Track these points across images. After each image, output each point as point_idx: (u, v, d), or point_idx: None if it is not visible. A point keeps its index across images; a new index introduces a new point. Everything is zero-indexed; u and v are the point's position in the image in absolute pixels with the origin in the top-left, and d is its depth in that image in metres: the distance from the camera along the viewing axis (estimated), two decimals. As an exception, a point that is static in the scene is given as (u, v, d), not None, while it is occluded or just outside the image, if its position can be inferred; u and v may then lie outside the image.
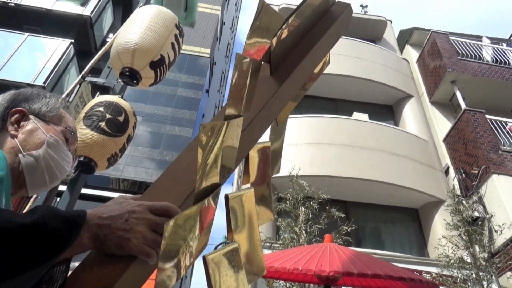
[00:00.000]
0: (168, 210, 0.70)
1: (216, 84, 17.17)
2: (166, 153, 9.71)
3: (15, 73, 8.24)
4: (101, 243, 0.66)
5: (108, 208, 0.69)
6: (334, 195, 6.91)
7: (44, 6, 9.72)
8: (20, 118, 1.06)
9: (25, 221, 0.60)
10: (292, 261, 3.18)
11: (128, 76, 3.12)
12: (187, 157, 0.83)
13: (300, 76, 1.08)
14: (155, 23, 3.26)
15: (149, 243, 0.67)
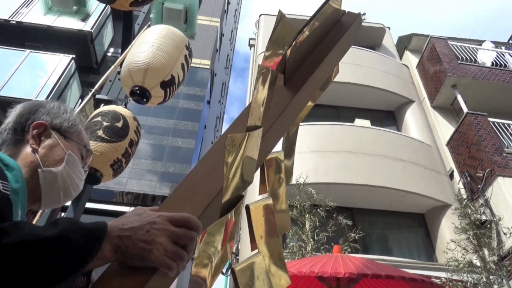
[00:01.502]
0: (188, 221, 0.69)
1: (217, 95, 17.23)
2: (169, 165, 9.70)
3: (17, 90, 8.28)
4: (123, 254, 0.66)
5: (128, 220, 0.69)
6: (339, 202, 6.88)
7: (45, 23, 9.81)
8: (41, 131, 1.05)
9: (48, 234, 0.60)
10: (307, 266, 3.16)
11: (138, 94, 3.14)
12: (202, 168, 0.84)
13: (312, 86, 1.08)
14: (167, 44, 3.29)
15: (170, 255, 0.66)
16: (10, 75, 8.48)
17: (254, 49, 13.86)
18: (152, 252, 0.65)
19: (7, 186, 0.83)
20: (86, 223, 0.66)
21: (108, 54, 11.23)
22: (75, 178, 1.05)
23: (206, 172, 0.82)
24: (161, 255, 0.65)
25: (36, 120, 1.05)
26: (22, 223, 0.61)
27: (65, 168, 1.03)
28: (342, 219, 6.14)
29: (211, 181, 0.80)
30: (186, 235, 0.68)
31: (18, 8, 10.12)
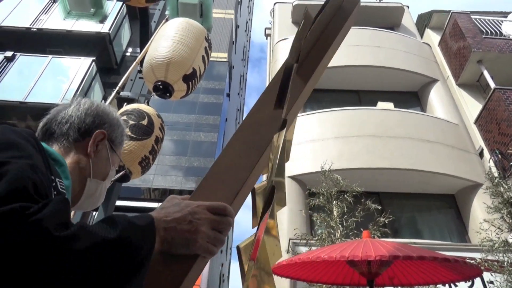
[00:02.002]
0: (225, 209, 0.74)
1: (236, 87, 17.24)
2: (193, 160, 9.81)
3: (42, 95, 8.51)
4: (168, 245, 0.69)
5: (168, 211, 0.72)
6: (366, 187, 6.79)
7: (64, 28, 10.01)
8: (100, 140, 1.06)
9: (112, 236, 0.61)
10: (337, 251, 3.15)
11: (161, 89, 3.16)
12: (228, 157, 0.86)
13: (320, 73, 1.09)
14: (186, 37, 3.28)
15: (212, 241, 0.71)
16: (35, 81, 8.72)
17: (271, 39, 13.76)
18: (196, 241, 0.69)
19: (63, 184, 0.85)
20: (137, 219, 0.67)
21: (127, 54, 11.38)
22: (103, 191, 1.09)
23: (232, 161, 0.85)
24: (205, 243, 0.70)
25: (100, 127, 1.07)
26: (85, 225, 0.62)
27: (105, 183, 1.07)
28: (370, 203, 6.07)
29: (237, 169, 0.83)
30: (224, 221, 0.73)
31: (37, 16, 10.35)
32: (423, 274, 3.81)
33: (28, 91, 8.50)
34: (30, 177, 0.69)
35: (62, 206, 0.64)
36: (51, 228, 0.59)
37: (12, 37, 9.86)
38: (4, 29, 9.86)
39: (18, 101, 8.21)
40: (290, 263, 3.69)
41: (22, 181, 0.67)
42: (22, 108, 8.26)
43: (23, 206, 0.61)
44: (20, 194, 0.65)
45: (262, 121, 0.91)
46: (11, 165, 0.69)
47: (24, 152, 0.75)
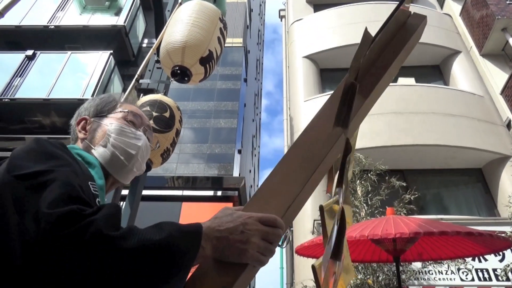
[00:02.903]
0: (275, 221, 0.77)
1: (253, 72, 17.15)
2: (214, 146, 9.88)
3: (64, 91, 8.69)
4: (220, 253, 0.74)
5: (222, 221, 0.76)
6: (390, 165, 6.71)
7: (81, 23, 10.13)
8: (84, 125, 1.15)
9: (159, 238, 0.67)
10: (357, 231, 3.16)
11: (179, 74, 3.16)
12: (282, 170, 0.90)
13: (380, 90, 1.08)
14: (201, 19, 3.25)
15: (262, 251, 0.75)
16: (56, 78, 8.90)
17: (285, 20, 13.57)
18: (247, 251, 0.74)
19: (95, 186, 0.90)
20: (184, 225, 0.73)
21: (143, 45, 11.45)
22: (128, 140, 1.12)
23: (286, 174, 0.88)
24: (255, 253, 0.74)
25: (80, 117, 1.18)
26: (134, 228, 0.68)
27: (109, 136, 1.10)
28: (394, 181, 6.00)
29: (290, 183, 0.86)
30: (274, 232, 0.77)
31: (54, 13, 10.49)
32: (452, 247, 3.78)
33: (50, 88, 8.70)
34: (76, 182, 0.76)
35: (114, 211, 0.70)
36: (103, 228, 0.64)
37: (31, 36, 10.05)
38: (23, 29, 10.05)
39: (42, 98, 8.42)
40: (312, 244, 3.72)
41: (71, 186, 0.73)
42: (46, 105, 8.47)
43: (80, 207, 0.67)
44: (72, 196, 0.71)
45: (318, 139, 0.93)
46: (56, 172, 0.75)
47: (64, 161, 0.82)
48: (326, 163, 0.92)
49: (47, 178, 0.72)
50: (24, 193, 0.70)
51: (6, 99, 8.48)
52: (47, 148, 0.84)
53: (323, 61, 10.77)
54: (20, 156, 0.79)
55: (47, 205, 0.66)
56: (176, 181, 9.92)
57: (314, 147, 0.91)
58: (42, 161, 0.78)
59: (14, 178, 0.73)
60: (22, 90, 8.67)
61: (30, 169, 0.74)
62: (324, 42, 10.72)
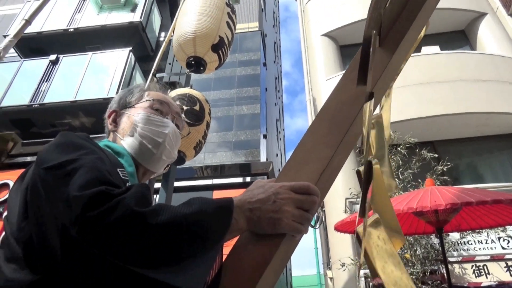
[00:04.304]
0: (308, 188, 0.75)
1: (271, 55, 17.00)
2: (240, 133, 9.93)
3: (89, 92, 8.89)
4: (255, 224, 0.73)
5: (253, 193, 0.76)
6: (419, 137, 6.56)
7: (98, 23, 10.28)
8: (114, 117, 1.19)
9: (190, 211, 0.67)
10: (403, 204, 3.10)
11: (194, 64, 3.20)
12: (311, 137, 0.87)
13: (408, 45, 1.02)
14: (207, 7, 3.26)
15: (297, 220, 0.73)
16: (81, 79, 9.11)
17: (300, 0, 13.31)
18: (281, 220, 0.72)
19: (125, 172, 0.94)
20: (215, 199, 0.73)
21: (160, 39, 11.53)
22: (154, 128, 1.13)
23: (315, 141, 0.85)
24: (290, 221, 0.73)
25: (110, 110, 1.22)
26: (164, 204, 0.69)
27: (136, 126, 1.12)
28: (425, 153, 5.86)
29: (321, 148, 0.83)
30: (308, 199, 0.75)
31: (72, 16, 10.68)
32: (494, 216, 3.67)
33: (76, 90, 8.92)
34: (102, 167, 0.78)
35: (142, 189, 0.71)
36: (133, 206, 0.65)
37: (52, 41, 10.29)
38: (44, 35, 10.30)
39: (69, 100, 8.65)
40: (354, 219, 3.69)
41: (98, 170, 0.75)
42: (73, 107, 8.70)
43: (108, 188, 0.69)
44: (101, 179, 0.72)
45: (345, 100, 0.90)
46: (82, 160, 0.77)
47: (89, 150, 0.84)
48: (358, 125, 0.88)
49: (74, 166, 0.74)
50: (54, 183, 0.73)
51: (36, 104, 8.77)
52: (72, 140, 0.86)
53: (342, 38, 10.54)
54: (48, 150, 0.82)
55: (76, 189, 0.68)
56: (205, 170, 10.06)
57: (342, 109, 0.88)
58: (69, 152, 0.80)
59: (43, 170, 0.76)
60: (50, 94, 8.93)
61: (57, 160, 0.77)
62: (341, 17, 10.47)
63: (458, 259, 5.91)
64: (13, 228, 0.79)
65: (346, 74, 0.96)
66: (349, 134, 0.86)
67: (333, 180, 0.86)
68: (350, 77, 0.94)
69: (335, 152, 0.83)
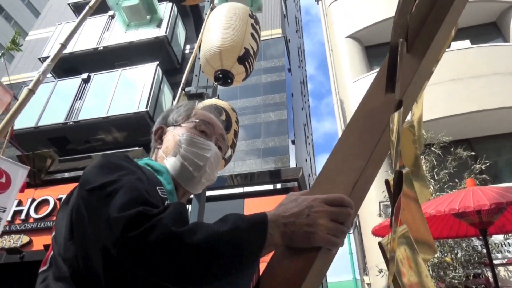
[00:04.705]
0: (342, 200, 0.75)
1: (296, 60, 16.97)
2: (268, 140, 9.93)
3: (120, 107, 9.15)
4: (290, 239, 0.73)
5: (287, 207, 0.76)
6: (454, 135, 6.34)
7: (126, 40, 10.59)
8: (161, 133, 1.21)
9: (226, 229, 0.68)
10: (444, 205, 2.98)
11: (221, 77, 3.24)
12: (342, 148, 0.86)
13: (437, 48, 0.99)
14: (231, 20, 3.31)
15: (333, 233, 0.72)
16: (112, 96, 9.39)
17: (322, 2, 13.26)
18: (316, 233, 0.72)
19: (163, 191, 0.95)
20: (249, 215, 0.74)
21: (186, 51, 11.74)
22: (197, 151, 1.14)
23: (346, 151, 0.84)
24: (325, 235, 0.72)
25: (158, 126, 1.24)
26: (200, 223, 0.71)
27: (180, 147, 1.13)
28: (461, 151, 5.66)
29: (353, 159, 0.82)
30: (343, 212, 0.74)
31: (101, 35, 11.06)
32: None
33: (108, 106, 9.20)
34: (141, 187, 0.81)
35: (179, 208, 0.73)
36: (171, 226, 0.67)
37: (84, 60, 10.69)
38: (75, 54, 10.71)
39: (102, 116, 8.93)
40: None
41: (137, 191, 0.78)
42: (106, 123, 8.97)
43: (146, 208, 0.70)
44: (139, 200, 0.75)
45: (375, 108, 0.88)
46: (122, 180, 0.80)
47: (128, 170, 0.87)
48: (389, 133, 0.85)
49: (114, 187, 0.77)
50: (96, 204, 0.76)
51: (70, 122, 9.10)
52: (112, 161, 0.90)
53: (366, 38, 10.39)
54: (91, 172, 0.86)
55: (116, 210, 0.70)
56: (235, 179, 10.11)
57: (372, 118, 0.87)
58: (109, 173, 0.83)
59: (86, 192, 0.80)
60: (83, 111, 9.25)
61: (99, 182, 0.80)
62: (365, 18, 10.34)
63: (503, 261, 5.65)
64: (60, 248, 0.83)
65: (375, 82, 0.94)
66: (380, 144, 0.84)
67: (367, 191, 0.85)
68: (379, 85, 0.92)
69: (367, 162, 0.81)
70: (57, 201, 7.72)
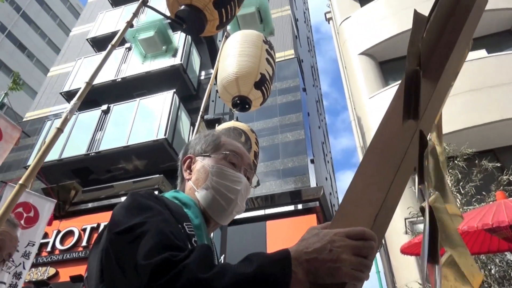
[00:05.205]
0: (364, 234, 0.73)
1: (310, 79, 17.05)
2: (287, 161, 9.89)
3: (140, 135, 9.32)
4: (314, 275, 0.72)
5: (309, 242, 0.75)
6: (477, 146, 6.19)
7: (143, 70, 10.88)
8: (189, 163, 1.21)
9: (251, 271, 0.68)
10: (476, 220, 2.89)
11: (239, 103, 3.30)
12: (360, 179, 0.85)
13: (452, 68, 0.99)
14: (246, 47, 3.38)
15: (357, 268, 0.71)
16: (131, 125, 9.60)
17: (333, 22, 13.39)
18: (340, 269, 0.70)
19: (190, 226, 0.96)
20: (272, 254, 0.73)
21: (201, 78, 11.96)
22: (228, 184, 1.14)
23: (366, 182, 0.83)
24: (349, 270, 0.71)
25: (186, 155, 1.24)
26: (226, 265, 0.71)
27: (212, 180, 1.13)
28: (486, 163, 5.50)
29: (373, 190, 0.81)
30: (366, 245, 0.73)
31: (118, 67, 11.41)
32: None
33: (127, 135, 9.38)
34: (168, 230, 0.81)
35: (205, 251, 0.74)
36: (197, 271, 0.67)
37: (103, 92, 11.00)
38: (95, 87, 11.03)
39: (122, 146, 9.10)
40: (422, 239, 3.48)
41: (163, 234, 0.79)
42: (126, 152, 9.13)
43: (172, 254, 0.71)
44: (165, 244, 0.76)
45: (393, 136, 0.87)
46: (149, 223, 0.81)
47: (155, 211, 0.88)
48: (409, 161, 0.85)
49: (141, 230, 0.78)
50: (124, 247, 0.78)
51: (92, 153, 9.30)
52: (139, 201, 0.91)
53: (380, 54, 10.39)
54: (118, 213, 0.88)
55: (142, 257, 0.71)
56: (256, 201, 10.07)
57: (390, 146, 0.85)
58: (136, 215, 0.84)
59: (114, 235, 0.82)
60: (104, 142, 9.46)
61: (126, 224, 0.82)
62: (378, 34, 10.37)
63: (540, 275, 5.38)
64: None
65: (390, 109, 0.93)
66: (400, 171, 0.83)
67: (389, 221, 0.83)
68: (395, 111, 0.91)
69: (388, 192, 0.80)
70: (82, 231, 7.82)
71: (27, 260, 3.98)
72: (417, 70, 0.84)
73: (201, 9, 2.11)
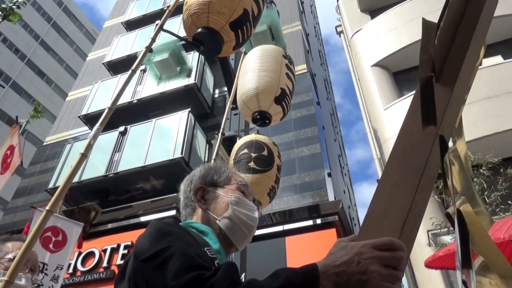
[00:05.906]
0: (392, 243, 0.73)
1: (323, 93, 17.06)
2: (304, 175, 9.84)
3: (157, 155, 9.42)
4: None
5: (336, 255, 0.74)
6: (501, 154, 6.04)
7: (158, 91, 11.07)
8: (202, 193, 1.25)
9: (278, 285, 0.69)
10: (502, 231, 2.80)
11: (259, 118, 3.30)
12: (385, 188, 0.84)
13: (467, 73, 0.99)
14: (266, 62, 3.40)
15: (386, 279, 0.70)
16: (148, 145, 9.72)
17: (344, 35, 13.44)
18: (370, 281, 0.70)
19: (211, 251, 1.00)
20: (299, 268, 0.74)
21: (215, 96, 12.09)
22: (247, 212, 1.21)
23: (390, 191, 0.82)
24: (379, 281, 0.70)
25: (194, 188, 1.28)
26: (253, 281, 0.72)
27: (233, 209, 1.19)
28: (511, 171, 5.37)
29: (398, 199, 0.80)
30: (394, 256, 0.72)
31: (134, 89, 11.64)
32: None
33: (145, 155, 9.49)
34: (192, 251, 0.84)
35: (231, 268, 0.75)
36: (225, 287, 0.69)
37: (120, 114, 11.19)
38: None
39: (140, 166, 9.21)
40: (447, 253, 3.39)
41: (188, 255, 0.82)
42: (144, 172, 9.23)
43: (200, 273, 0.73)
44: (192, 264, 0.78)
45: (413, 143, 0.87)
46: (173, 247, 0.84)
47: (177, 236, 0.91)
48: (432, 167, 0.84)
49: (167, 254, 0.81)
50: (152, 273, 0.80)
51: (111, 174, 9.43)
52: (161, 228, 0.94)
53: (393, 65, 10.35)
54: (142, 242, 0.91)
55: (171, 278, 0.74)
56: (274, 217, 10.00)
57: (411, 154, 0.85)
58: (160, 241, 0.87)
59: (141, 262, 0.84)
60: (122, 163, 9.59)
61: (151, 251, 0.84)
62: (390, 45, 10.35)
63: None
64: None
65: (408, 117, 0.93)
66: (424, 178, 0.82)
67: (417, 229, 0.81)
68: (413, 118, 0.91)
69: (413, 199, 0.79)
70: (102, 252, 7.87)
71: (55, 284, 4.02)
72: (430, 76, 0.84)
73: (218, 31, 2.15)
